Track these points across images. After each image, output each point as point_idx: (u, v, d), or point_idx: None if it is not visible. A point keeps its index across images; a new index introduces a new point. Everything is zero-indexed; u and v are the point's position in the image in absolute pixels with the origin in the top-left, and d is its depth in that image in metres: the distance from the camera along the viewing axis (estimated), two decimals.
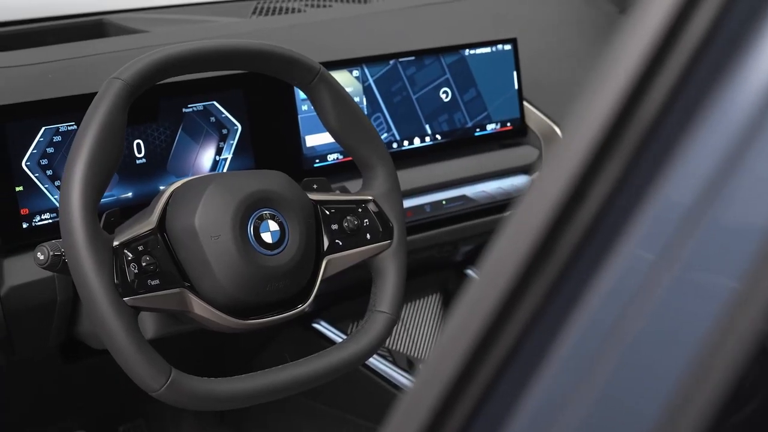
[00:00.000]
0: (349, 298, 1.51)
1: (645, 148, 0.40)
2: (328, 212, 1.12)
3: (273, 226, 1.03)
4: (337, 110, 1.12)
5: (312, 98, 1.12)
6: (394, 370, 1.46)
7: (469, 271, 1.69)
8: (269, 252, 1.02)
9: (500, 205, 1.57)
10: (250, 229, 1.02)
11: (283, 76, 1.11)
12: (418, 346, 1.63)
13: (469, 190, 1.52)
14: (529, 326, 0.40)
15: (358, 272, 1.14)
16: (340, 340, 1.48)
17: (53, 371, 1.39)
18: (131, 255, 0.95)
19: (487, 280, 0.43)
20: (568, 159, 0.40)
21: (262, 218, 1.03)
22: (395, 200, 1.16)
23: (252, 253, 1.01)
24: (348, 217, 1.12)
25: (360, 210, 1.13)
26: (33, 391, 1.43)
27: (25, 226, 1.12)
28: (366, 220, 1.13)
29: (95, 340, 1.19)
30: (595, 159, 0.39)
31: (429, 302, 1.69)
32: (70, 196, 0.92)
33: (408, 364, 1.54)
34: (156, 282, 0.97)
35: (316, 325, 1.48)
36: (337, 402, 1.53)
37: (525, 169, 1.59)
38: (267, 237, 1.03)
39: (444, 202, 1.49)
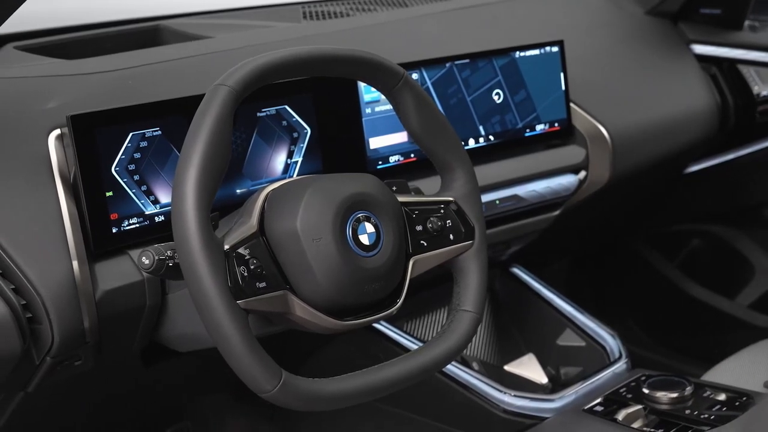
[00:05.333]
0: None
1: None
2: (412, 214, 1.14)
3: (369, 228, 1.05)
4: (419, 113, 1.14)
5: (395, 102, 1.14)
6: (452, 364, 1.48)
7: (515, 270, 1.72)
8: (367, 254, 1.04)
9: (550, 204, 1.61)
10: (349, 232, 1.03)
11: (368, 81, 1.13)
12: None
13: (521, 190, 1.55)
14: None
15: None
16: (399, 338, 1.50)
17: (116, 376, 1.39)
18: (239, 258, 0.97)
19: None
20: None
21: (358, 220, 1.04)
22: (476, 201, 1.18)
23: (351, 255, 1.03)
24: (431, 218, 1.14)
25: (442, 211, 1.16)
26: (94, 397, 1.44)
27: (114, 230, 1.13)
28: (448, 221, 1.15)
29: (179, 343, 1.21)
30: None
31: None
32: (185, 202, 0.93)
33: (461, 361, 1.56)
34: (263, 285, 0.98)
35: (376, 324, 1.50)
36: (391, 397, 1.55)
37: (573, 169, 1.62)
38: (364, 239, 1.04)
39: (497, 202, 1.52)
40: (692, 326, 2.17)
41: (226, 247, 0.96)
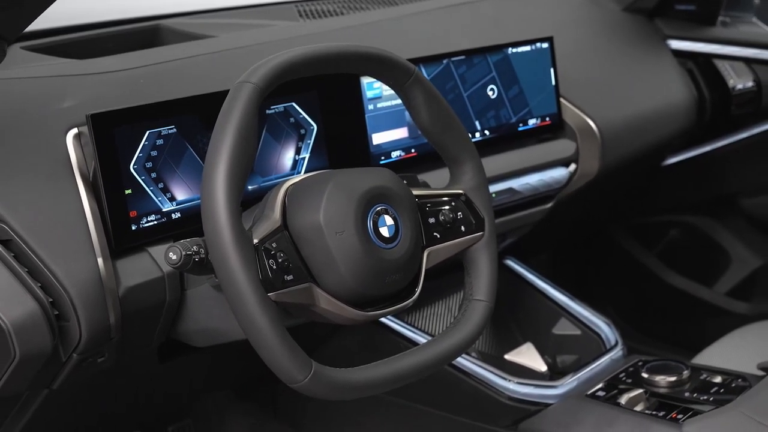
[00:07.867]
0: None
1: None
2: (425, 206, 1.16)
3: (389, 220, 1.08)
4: (429, 109, 1.17)
5: (405, 97, 1.17)
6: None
7: (508, 261, 1.75)
8: (387, 246, 1.07)
9: (543, 196, 1.65)
10: (370, 224, 1.06)
11: (381, 77, 1.15)
12: None
13: (515, 183, 1.59)
14: None
15: None
16: (403, 330, 1.53)
17: (125, 374, 1.40)
18: (267, 252, 0.99)
19: None
20: None
21: (378, 213, 1.07)
22: (485, 193, 1.22)
23: (373, 248, 1.05)
24: (443, 211, 1.17)
25: (453, 204, 1.19)
26: (100, 395, 1.44)
27: (133, 228, 1.14)
28: (459, 213, 1.19)
29: (198, 338, 1.22)
30: None
31: None
32: (215, 198, 0.95)
33: None
34: (290, 277, 1.00)
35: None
36: (396, 389, 1.58)
37: (564, 162, 1.66)
38: (384, 231, 1.07)
39: (494, 195, 1.55)
40: (672, 314, 2.23)
41: (255, 240, 0.98)
